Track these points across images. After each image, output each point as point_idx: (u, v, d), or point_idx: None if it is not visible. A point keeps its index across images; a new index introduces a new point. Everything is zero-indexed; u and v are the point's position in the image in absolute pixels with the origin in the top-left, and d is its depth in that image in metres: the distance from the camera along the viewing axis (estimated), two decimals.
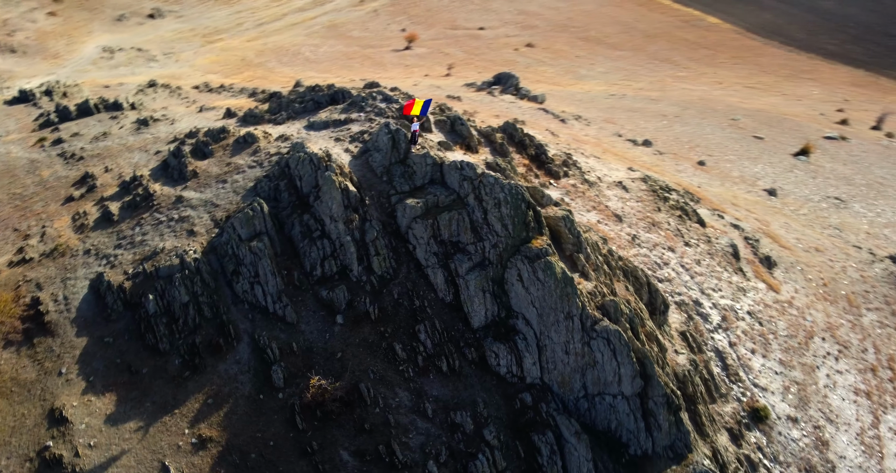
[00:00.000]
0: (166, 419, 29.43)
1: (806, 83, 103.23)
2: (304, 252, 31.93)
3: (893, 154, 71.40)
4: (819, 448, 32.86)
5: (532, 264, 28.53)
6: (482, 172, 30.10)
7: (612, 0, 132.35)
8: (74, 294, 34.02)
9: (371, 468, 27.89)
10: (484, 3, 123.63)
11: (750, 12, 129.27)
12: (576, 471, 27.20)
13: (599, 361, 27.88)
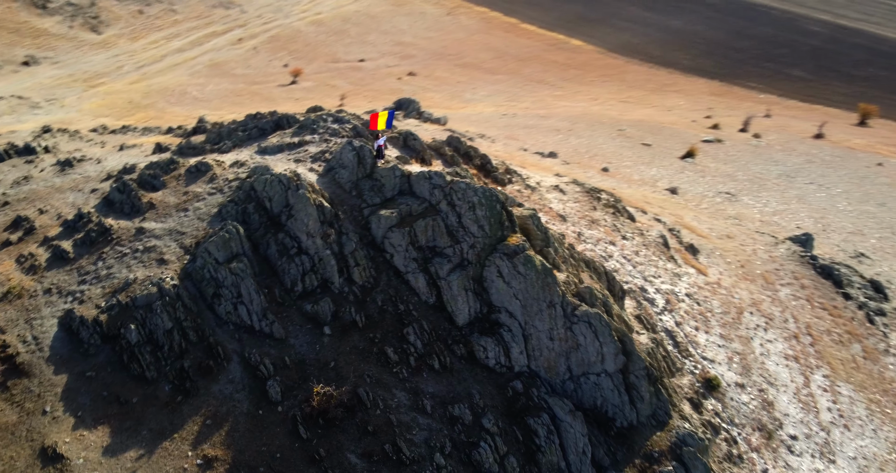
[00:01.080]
0: (166, 444, 29.60)
1: (671, 95, 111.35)
2: (283, 270, 32.96)
3: (764, 152, 78.61)
4: (766, 408, 36.55)
5: (511, 259, 30.82)
6: (451, 180, 32.23)
7: (481, 28, 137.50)
8: (44, 333, 33.50)
9: (380, 467, 29.14)
10: (360, 37, 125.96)
11: (608, 34, 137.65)
12: (572, 447, 29.49)
13: (582, 343, 30.39)
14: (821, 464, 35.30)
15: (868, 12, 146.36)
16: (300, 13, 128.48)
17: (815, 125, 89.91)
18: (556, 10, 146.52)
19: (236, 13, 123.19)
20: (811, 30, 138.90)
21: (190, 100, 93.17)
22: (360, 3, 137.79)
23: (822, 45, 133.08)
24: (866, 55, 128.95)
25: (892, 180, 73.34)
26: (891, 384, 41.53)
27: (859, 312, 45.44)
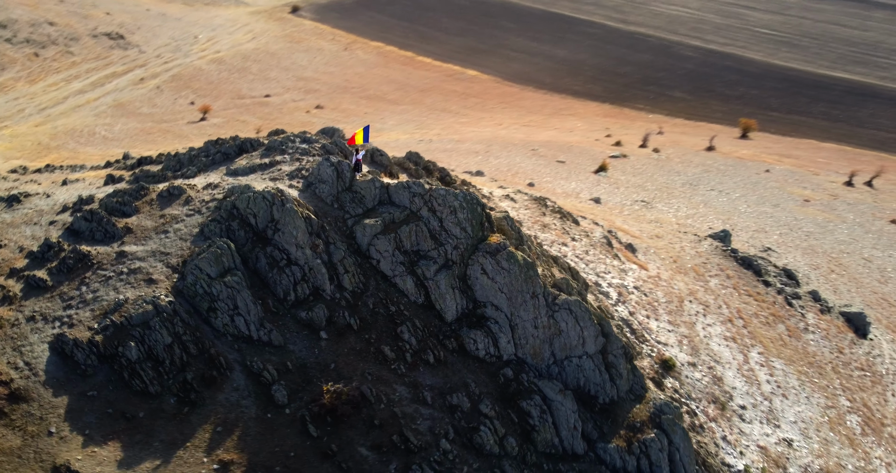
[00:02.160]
0: (180, 453, 30.56)
1: (568, 118, 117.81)
2: (275, 281, 34.59)
3: (665, 164, 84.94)
4: (717, 383, 40.54)
5: (494, 257, 33.65)
6: (430, 187, 34.90)
7: (379, 62, 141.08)
8: (36, 358, 33.69)
9: (390, 457, 31.08)
10: (262, 73, 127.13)
11: (501, 64, 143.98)
12: (564, 423, 32.33)
13: (564, 329, 33.44)
14: (769, 429, 39.41)
15: (733, 38, 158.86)
16: (199, 52, 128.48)
17: (705, 139, 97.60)
18: (448, 43, 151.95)
19: (134, 53, 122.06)
20: (685, 55, 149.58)
21: (100, 140, 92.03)
22: (257, 41, 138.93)
23: (696, 68, 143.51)
24: (737, 76, 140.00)
25: (780, 183, 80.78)
26: (814, 358, 46.50)
27: (779, 296, 50.57)
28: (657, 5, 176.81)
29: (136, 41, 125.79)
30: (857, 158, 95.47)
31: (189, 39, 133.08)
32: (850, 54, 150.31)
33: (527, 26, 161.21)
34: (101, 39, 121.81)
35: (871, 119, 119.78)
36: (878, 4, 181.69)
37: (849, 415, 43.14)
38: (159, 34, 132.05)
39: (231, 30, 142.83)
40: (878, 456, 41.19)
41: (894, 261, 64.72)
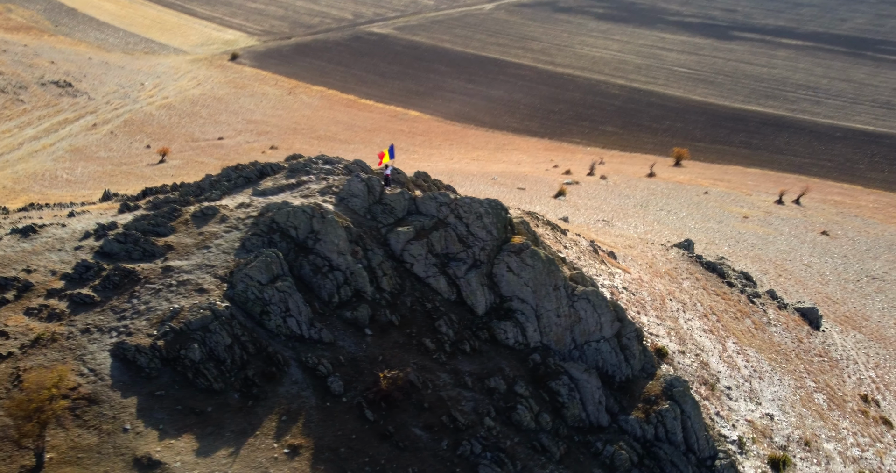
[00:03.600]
0: (251, 440, 33.42)
1: (513, 152, 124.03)
2: (319, 285, 38.03)
3: (614, 189, 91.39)
4: (704, 368, 45.47)
5: (519, 255, 37.99)
6: (456, 197, 39.18)
7: (323, 105, 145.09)
8: (99, 365, 36.06)
9: (441, 435, 34.60)
10: (212, 117, 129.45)
11: (440, 105, 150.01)
12: (590, 399, 36.54)
13: (583, 317, 37.89)
14: (752, 406, 44.45)
15: (654, 76, 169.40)
16: (147, 98, 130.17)
17: (644, 167, 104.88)
18: (387, 86, 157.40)
19: (84, 101, 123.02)
20: (612, 93, 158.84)
21: (63, 183, 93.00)
22: (202, 87, 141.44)
23: (623, 104, 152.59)
24: (661, 111, 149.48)
25: (719, 203, 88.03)
26: (779, 347, 52.11)
27: (742, 295, 56.34)
28: (580, 48, 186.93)
29: (84, 88, 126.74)
30: (781, 181, 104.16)
31: (136, 86, 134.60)
32: (760, 89, 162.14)
33: (460, 69, 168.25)
34: (50, 87, 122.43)
35: (787, 146, 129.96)
36: (781, 45, 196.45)
37: (815, 394, 48.63)
38: (106, 82, 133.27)
39: (175, 77, 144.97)
40: (845, 427, 46.65)
41: (831, 266, 71.88)
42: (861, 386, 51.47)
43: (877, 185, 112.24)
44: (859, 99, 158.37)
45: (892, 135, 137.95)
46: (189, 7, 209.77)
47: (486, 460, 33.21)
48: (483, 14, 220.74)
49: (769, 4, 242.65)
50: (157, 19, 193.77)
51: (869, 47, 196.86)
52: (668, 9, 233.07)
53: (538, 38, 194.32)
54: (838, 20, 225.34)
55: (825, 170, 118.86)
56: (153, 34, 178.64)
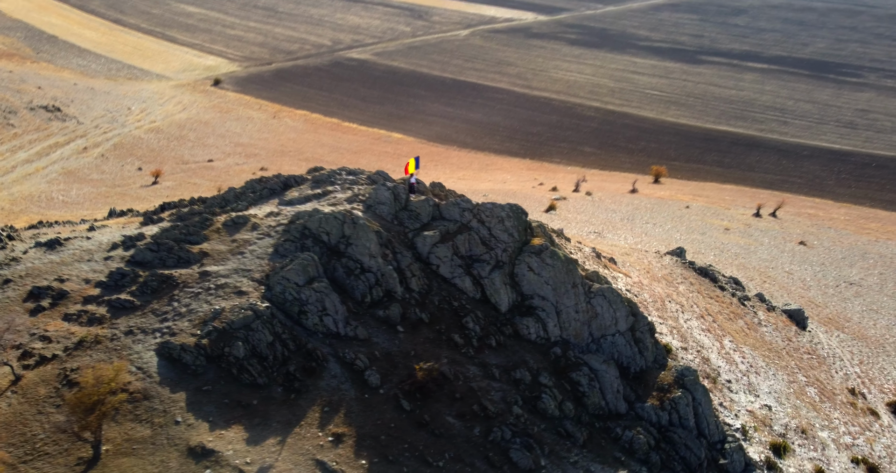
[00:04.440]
0: (297, 430, 35.58)
1: (497, 172, 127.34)
2: (352, 286, 40.46)
3: (601, 204, 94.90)
4: (705, 363, 48.41)
5: (539, 256, 40.80)
6: (478, 203, 41.98)
7: (308, 128, 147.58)
8: (146, 364, 38.02)
9: (473, 423, 37.02)
10: (200, 141, 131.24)
11: (422, 127, 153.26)
12: (609, 388, 39.24)
13: (600, 312, 40.71)
14: (752, 397, 47.42)
15: (627, 99, 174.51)
16: (135, 123, 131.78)
17: (626, 184, 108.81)
18: (369, 110, 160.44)
19: (73, 125, 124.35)
20: (588, 115, 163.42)
21: (60, 204, 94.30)
22: (188, 111, 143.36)
23: (599, 126, 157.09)
24: (636, 132, 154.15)
25: (701, 216, 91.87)
26: (771, 345, 55.28)
27: (733, 298, 59.59)
28: (555, 72, 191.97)
29: (73, 113, 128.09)
30: (756, 196, 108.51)
31: (123, 111, 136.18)
32: (730, 110, 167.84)
33: (440, 94, 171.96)
34: (39, 112, 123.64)
35: (758, 164, 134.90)
36: (747, 68, 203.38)
37: (807, 387, 51.76)
38: (93, 106, 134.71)
39: (161, 102, 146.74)
40: (837, 417, 49.77)
41: (810, 273, 75.69)
42: (848, 381, 54.73)
43: (846, 199, 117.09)
44: (824, 119, 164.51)
45: (856, 153, 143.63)
46: (169, 34, 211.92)
47: (517, 445, 35.62)
48: (459, 40, 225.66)
49: (734, 30, 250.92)
50: (137, 46, 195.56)
51: (830, 70, 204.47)
52: (638, 34, 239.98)
53: (514, 62, 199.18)
54: (800, 45, 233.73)
55: (796, 186, 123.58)
56: (135, 60, 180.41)
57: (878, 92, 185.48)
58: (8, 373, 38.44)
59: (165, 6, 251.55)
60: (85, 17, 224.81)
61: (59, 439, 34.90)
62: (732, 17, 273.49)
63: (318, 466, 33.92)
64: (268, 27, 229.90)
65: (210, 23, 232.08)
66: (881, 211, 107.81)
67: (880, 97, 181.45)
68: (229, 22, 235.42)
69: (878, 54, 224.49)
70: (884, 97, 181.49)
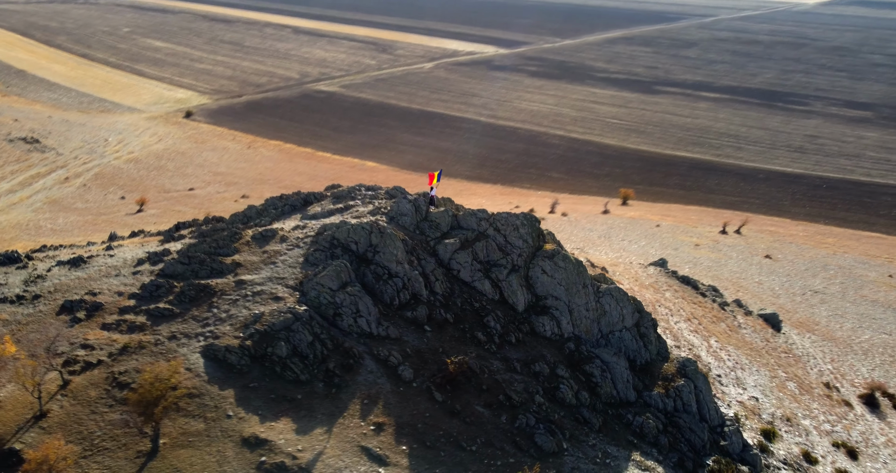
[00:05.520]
0: (341, 420, 38.64)
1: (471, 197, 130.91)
2: (381, 291, 43.85)
3: (577, 223, 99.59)
4: (698, 359, 52.56)
5: (552, 259, 44.73)
6: (493, 213, 45.87)
7: (283, 158, 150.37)
8: (193, 365, 40.74)
9: (500, 411, 40.48)
10: (179, 170, 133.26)
11: (394, 156, 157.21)
12: (619, 378, 43.08)
13: (608, 310, 44.68)
14: (740, 390, 51.66)
15: (589, 127, 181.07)
16: (114, 153, 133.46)
17: (598, 206, 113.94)
18: (341, 140, 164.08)
19: (53, 156, 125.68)
20: (553, 143, 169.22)
21: (49, 232, 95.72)
22: (164, 142, 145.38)
23: (564, 153, 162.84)
24: (599, 158, 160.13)
25: (672, 234, 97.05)
26: (752, 345, 59.78)
27: (714, 304, 64.16)
28: (519, 102, 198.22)
29: (52, 144, 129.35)
30: (719, 215, 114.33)
31: (101, 142, 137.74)
32: (687, 137, 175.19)
33: (409, 124, 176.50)
34: (18, 144, 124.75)
35: (718, 187, 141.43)
36: (701, 97, 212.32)
37: (787, 382, 56.21)
38: (71, 138, 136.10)
39: (137, 133, 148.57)
40: (816, 407, 54.22)
41: (778, 283, 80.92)
42: (822, 376, 59.38)
43: (802, 218, 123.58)
44: (776, 144, 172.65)
45: (808, 175, 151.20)
46: (138, 68, 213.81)
47: (541, 430, 39.10)
48: (424, 72, 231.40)
49: (686, 62, 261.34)
50: (107, 80, 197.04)
51: (779, 99, 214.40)
52: (595, 66, 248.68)
53: (478, 93, 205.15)
54: (749, 75, 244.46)
55: (755, 206, 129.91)
56: (105, 94, 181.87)
57: (824, 119, 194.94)
58: (56, 378, 40.86)
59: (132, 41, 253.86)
60: (52, 53, 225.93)
61: (116, 435, 37.33)
62: (684, 50, 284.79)
63: (364, 452, 36.94)
64: (235, 61, 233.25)
65: (178, 57, 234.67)
66: (835, 228, 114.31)
67: (826, 123, 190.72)
68: (197, 56, 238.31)
69: (822, 84, 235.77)
70: (829, 123, 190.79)
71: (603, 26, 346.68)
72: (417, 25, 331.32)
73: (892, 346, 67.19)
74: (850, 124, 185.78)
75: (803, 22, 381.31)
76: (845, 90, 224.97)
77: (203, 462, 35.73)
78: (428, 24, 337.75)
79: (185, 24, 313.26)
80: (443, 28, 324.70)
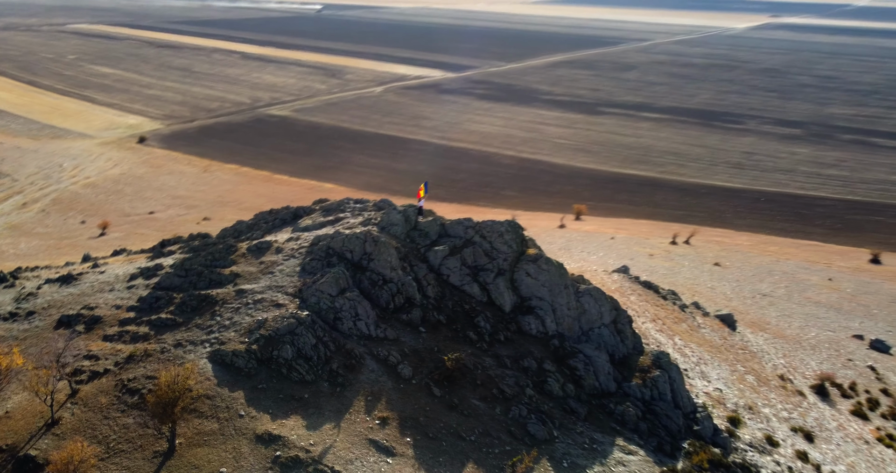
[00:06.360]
0: (347, 416, 41.19)
1: None
2: (377, 295, 46.65)
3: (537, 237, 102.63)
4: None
5: (535, 263, 48.14)
6: (478, 221, 49.17)
7: (241, 181, 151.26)
8: (202, 369, 42.79)
9: (494, 404, 43.52)
10: (137, 194, 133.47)
11: (351, 177, 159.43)
12: (601, 371, 46.53)
13: (588, 309, 48.22)
14: (705, 382, 55.62)
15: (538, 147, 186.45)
16: (70, 179, 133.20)
17: (554, 221, 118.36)
18: (297, 163, 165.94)
19: (8, 182, 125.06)
20: (505, 163, 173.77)
21: (12, 256, 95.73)
22: (120, 167, 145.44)
23: (517, 172, 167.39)
24: (550, 177, 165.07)
25: (626, 245, 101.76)
26: (712, 342, 64.01)
27: (675, 306, 68.40)
28: (469, 124, 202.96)
29: (6, 170, 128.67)
30: (669, 228, 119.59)
31: (56, 168, 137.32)
32: (632, 156, 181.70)
33: (363, 146, 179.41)
34: None
35: (664, 202, 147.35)
36: (643, 118, 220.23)
37: (746, 375, 60.43)
38: (25, 164, 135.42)
39: (91, 159, 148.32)
40: (773, 397, 58.46)
41: (729, 287, 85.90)
42: (777, 370, 63.84)
43: (744, 229, 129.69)
44: (715, 161, 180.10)
45: (747, 190, 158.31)
46: (86, 95, 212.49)
47: (533, 420, 42.19)
48: (374, 96, 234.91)
49: (627, 84, 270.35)
50: (55, 107, 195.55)
51: (716, 118, 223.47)
52: (540, 89, 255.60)
53: (429, 116, 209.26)
54: (687, 96, 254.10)
55: (700, 219, 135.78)
56: (55, 121, 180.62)
57: (758, 136, 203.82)
58: (63, 387, 42.53)
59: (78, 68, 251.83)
60: None
61: (132, 437, 39.21)
62: (624, 73, 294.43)
63: (371, 444, 39.52)
64: (185, 86, 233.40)
65: (127, 83, 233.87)
66: (776, 237, 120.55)
67: (761, 141, 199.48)
68: (146, 82, 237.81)
69: (755, 103, 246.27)
70: (764, 141, 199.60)
71: (546, 50, 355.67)
72: (365, 51, 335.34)
73: (836, 342, 72.27)
74: (782, 141, 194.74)
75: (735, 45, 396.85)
76: (777, 109, 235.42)
77: (220, 458, 37.73)
78: (375, 49, 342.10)
79: (132, 51, 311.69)
80: (390, 53, 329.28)
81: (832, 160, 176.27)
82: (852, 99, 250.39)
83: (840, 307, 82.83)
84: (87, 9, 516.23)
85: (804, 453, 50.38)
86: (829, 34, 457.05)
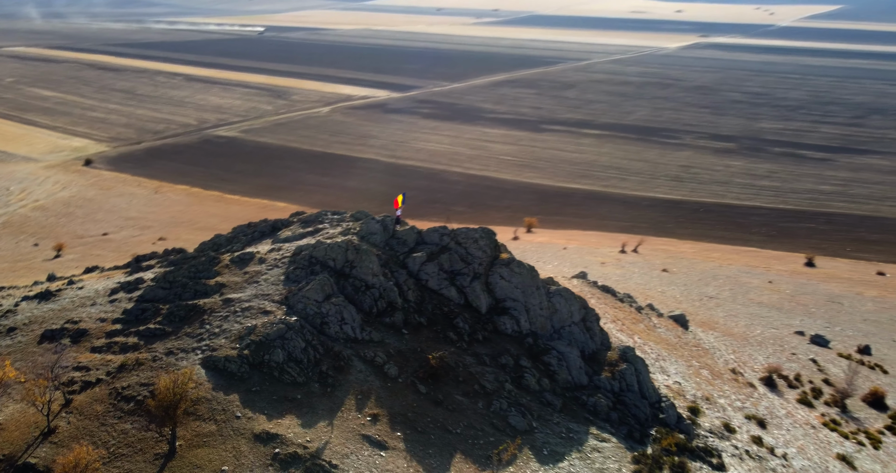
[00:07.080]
0: (340, 414, 43.38)
1: None
2: (360, 301, 49.01)
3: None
4: None
5: (508, 266, 51.18)
6: (454, 228, 52.05)
7: (193, 201, 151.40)
8: (195, 374, 44.52)
9: (476, 399, 46.23)
10: (89, 216, 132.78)
11: (303, 196, 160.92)
12: (573, 366, 49.63)
13: (559, 308, 51.38)
14: (665, 376, 59.23)
15: (485, 164, 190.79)
16: (19, 202, 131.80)
17: (507, 234, 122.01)
18: (248, 183, 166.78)
19: None
20: (453, 180, 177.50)
21: None
22: (69, 190, 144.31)
23: (465, 189, 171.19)
24: (498, 192, 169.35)
25: (579, 255, 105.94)
26: (668, 341, 67.91)
27: (631, 308, 72.20)
28: (415, 143, 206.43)
29: None
30: (616, 238, 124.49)
31: (2, 191, 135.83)
32: (575, 171, 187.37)
33: (313, 165, 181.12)
34: None
35: (609, 214, 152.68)
36: (584, 134, 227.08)
37: (701, 370, 64.34)
38: None
39: (38, 182, 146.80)
40: (727, 389, 62.40)
41: (678, 291, 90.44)
42: (728, 364, 67.94)
43: (687, 237, 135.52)
44: (655, 174, 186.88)
45: (686, 201, 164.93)
46: (28, 118, 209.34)
47: (513, 412, 44.96)
48: (321, 116, 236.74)
49: (567, 102, 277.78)
50: None
51: (653, 134, 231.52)
52: (484, 108, 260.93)
53: (376, 135, 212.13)
54: (625, 113, 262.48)
55: (644, 229, 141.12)
56: None
57: (694, 150, 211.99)
58: (58, 398, 43.70)
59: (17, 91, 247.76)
60: None
61: (131, 442, 40.63)
62: (564, 91, 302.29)
63: (365, 439, 41.76)
64: (129, 109, 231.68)
65: (68, 106, 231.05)
66: (718, 245, 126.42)
67: (697, 155, 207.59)
68: (89, 104, 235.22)
69: (690, 119, 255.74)
70: (700, 154, 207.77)
71: (488, 70, 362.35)
72: (310, 72, 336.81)
73: (780, 338, 77.06)
74: (717, 155, 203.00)
75: (668, 64, 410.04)
76: (710, 125, 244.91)
77: (221, 457, 39.45)
78: (320, 70, 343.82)
79: (73, 73, 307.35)
80: (335, 74, 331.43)
81: (764, 172, 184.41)
82: (780, 114, 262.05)
83: (781, 307, 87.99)
84: (23, 32, 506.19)
85: (759, 437, 54.14)
86: (755, 53, 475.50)
